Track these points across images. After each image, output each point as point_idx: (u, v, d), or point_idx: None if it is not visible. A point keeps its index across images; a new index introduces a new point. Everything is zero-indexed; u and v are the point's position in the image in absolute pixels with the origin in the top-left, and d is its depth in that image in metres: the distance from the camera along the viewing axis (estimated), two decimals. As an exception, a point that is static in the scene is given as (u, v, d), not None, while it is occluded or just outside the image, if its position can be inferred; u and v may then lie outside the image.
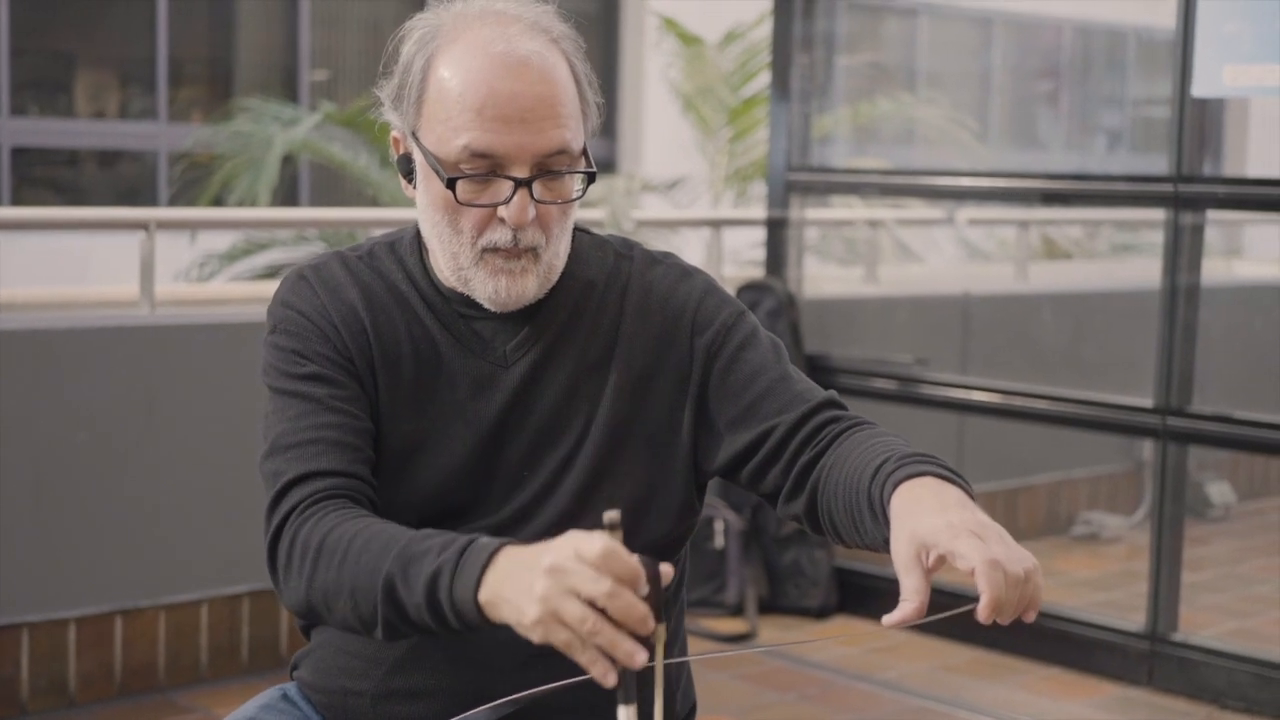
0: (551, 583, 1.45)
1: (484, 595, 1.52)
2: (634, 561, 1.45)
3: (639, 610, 1.43)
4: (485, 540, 1.56)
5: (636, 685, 1.44)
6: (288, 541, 1.69)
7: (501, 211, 1.74)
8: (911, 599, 1.47)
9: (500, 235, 1.75)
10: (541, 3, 1.82)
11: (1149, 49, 13.12)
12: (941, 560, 1.49)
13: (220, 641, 4.19)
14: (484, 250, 1.76)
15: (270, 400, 1.80)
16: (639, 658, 1.43)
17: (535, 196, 1.74)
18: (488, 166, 1.73)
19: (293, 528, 1.70)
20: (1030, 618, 1.49)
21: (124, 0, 9.85)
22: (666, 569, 1.48)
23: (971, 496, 1.58)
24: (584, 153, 1.78)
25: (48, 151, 9.85)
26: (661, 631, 1.46)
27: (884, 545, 1.62)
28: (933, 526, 1.50)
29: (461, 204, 1.74)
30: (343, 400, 1.77)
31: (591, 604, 1.43)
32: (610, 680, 1.43)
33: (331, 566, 1.64)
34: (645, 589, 1.45)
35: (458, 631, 1.59)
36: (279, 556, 1.70)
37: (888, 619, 1.47)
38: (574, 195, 1.78)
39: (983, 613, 1.44)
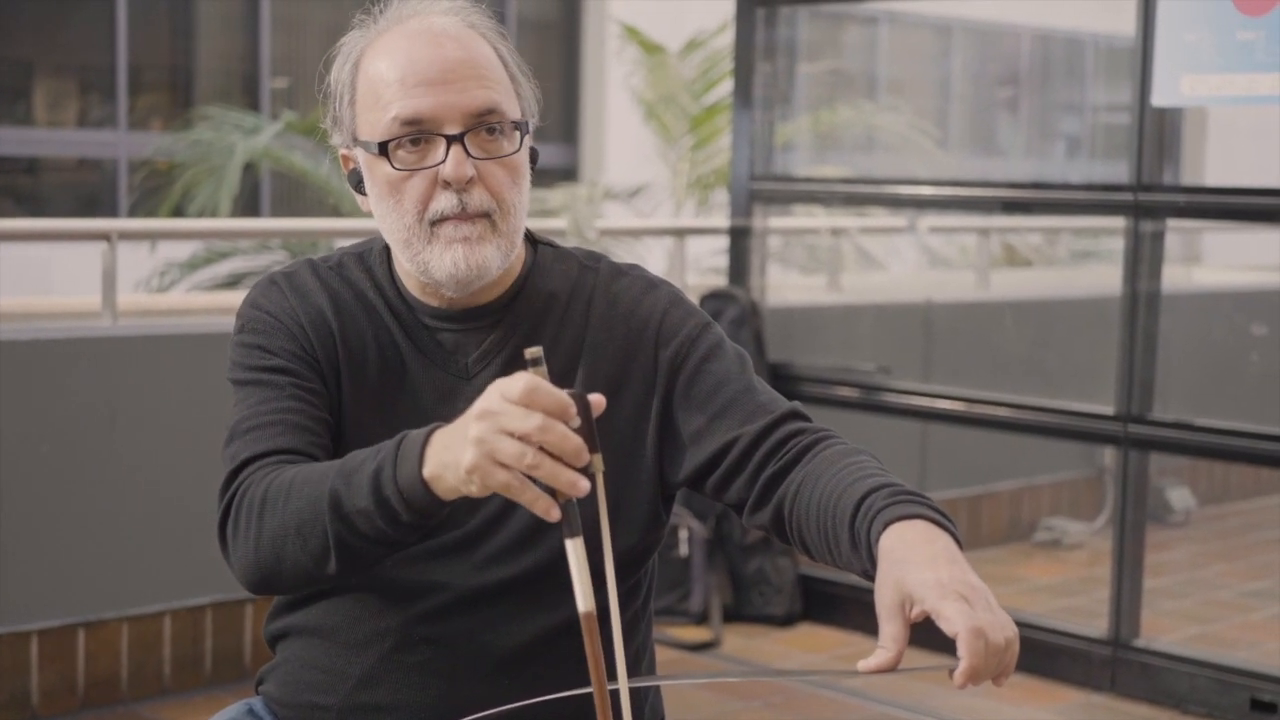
0: (483, 426, 1.46)
1: (428, 471, 1.54)
2: (561, 394, 1.45)
3: (573, 442, 1.44)
4: (417, 431, 1.58)
5: (579, 518, 1.43)
6: (235, 508, 1.70)
7: (442, 172, 1.75)
8: (889, 647, 1.47)
9: (446, 202, 1.76)
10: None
11: (1108, 56, 13.19)
12: (924, 615, 1.48)
13: (183, 653, 4.17)
14: (433, 223, 1.76)
15: (234, 394, 1.81)
16: (582, 485, 1.43)
17: (472, 154, 1.75)
18: (419, 131, 1.75)
19: (240, 494, 1.70)
20: (1001, 684, 1.49)
21: (83, 7, 9.80)
22: (597, 399, 1.48)
23: (959, 542, 1.57)
24: (524, 127, 1.80)
25: (6, 159, 9.79)
26: (598, 461, 1.46)
27: (860, 572, 1.63)
28: (922, 581, 1.48)
29: (399, 170, 1.76)
30: (305, 391, 1.78)
31: (526, 441, 1.44)
32: (554, 515, 1.44)
33: (276, 511, 1.65)
34: (577, 421, 1.45)
35: (411, 529, 1.59)
36: (228, 527, 1.70)
37: (863, 664, 1.46)
38: (512, 152, 1.78)
39: (959, 679, 1.44)
